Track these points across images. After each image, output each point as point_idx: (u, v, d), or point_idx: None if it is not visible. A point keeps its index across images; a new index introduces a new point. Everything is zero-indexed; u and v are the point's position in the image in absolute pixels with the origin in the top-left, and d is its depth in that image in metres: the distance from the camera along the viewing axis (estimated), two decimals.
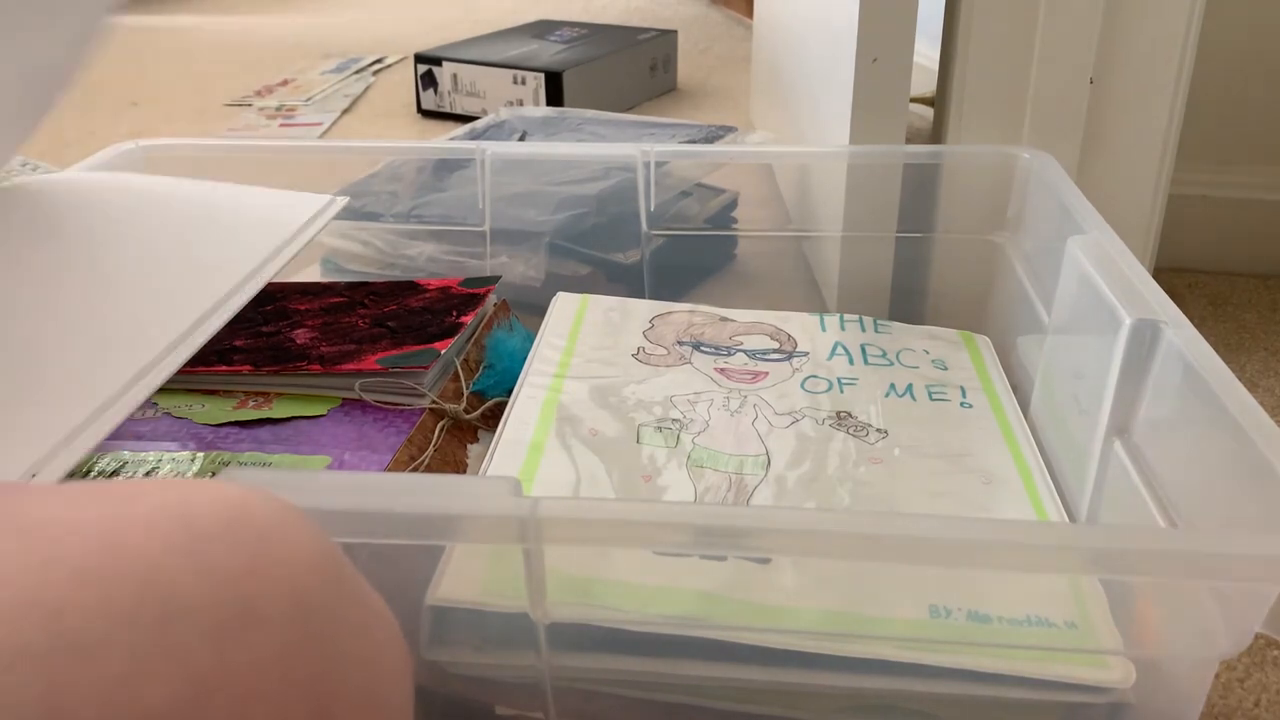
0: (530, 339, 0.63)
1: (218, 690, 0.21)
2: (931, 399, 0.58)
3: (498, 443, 0.53)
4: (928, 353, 0.63)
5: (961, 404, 0.58)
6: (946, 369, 0.61)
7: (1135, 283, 0.47)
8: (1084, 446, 0.48)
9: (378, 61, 1.71)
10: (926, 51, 0.75)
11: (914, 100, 1.04)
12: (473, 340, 0.63)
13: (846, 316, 0.66)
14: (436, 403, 0.56)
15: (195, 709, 0.20)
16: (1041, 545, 0.34)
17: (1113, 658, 0.38)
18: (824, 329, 0.65)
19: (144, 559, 0.21)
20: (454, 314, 0.63)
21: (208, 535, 0.22)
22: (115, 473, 0.51)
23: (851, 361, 0.61)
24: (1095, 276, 0.49)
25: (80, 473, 0.51)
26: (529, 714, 0.42)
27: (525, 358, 0.60)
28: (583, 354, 0.61)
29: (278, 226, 0.51)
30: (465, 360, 0.61)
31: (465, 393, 0.59)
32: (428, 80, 1.41)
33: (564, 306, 0.66)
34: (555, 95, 1.33)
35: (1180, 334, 0.43)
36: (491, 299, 0.67)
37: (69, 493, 0.23)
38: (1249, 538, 0.32)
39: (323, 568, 0.24)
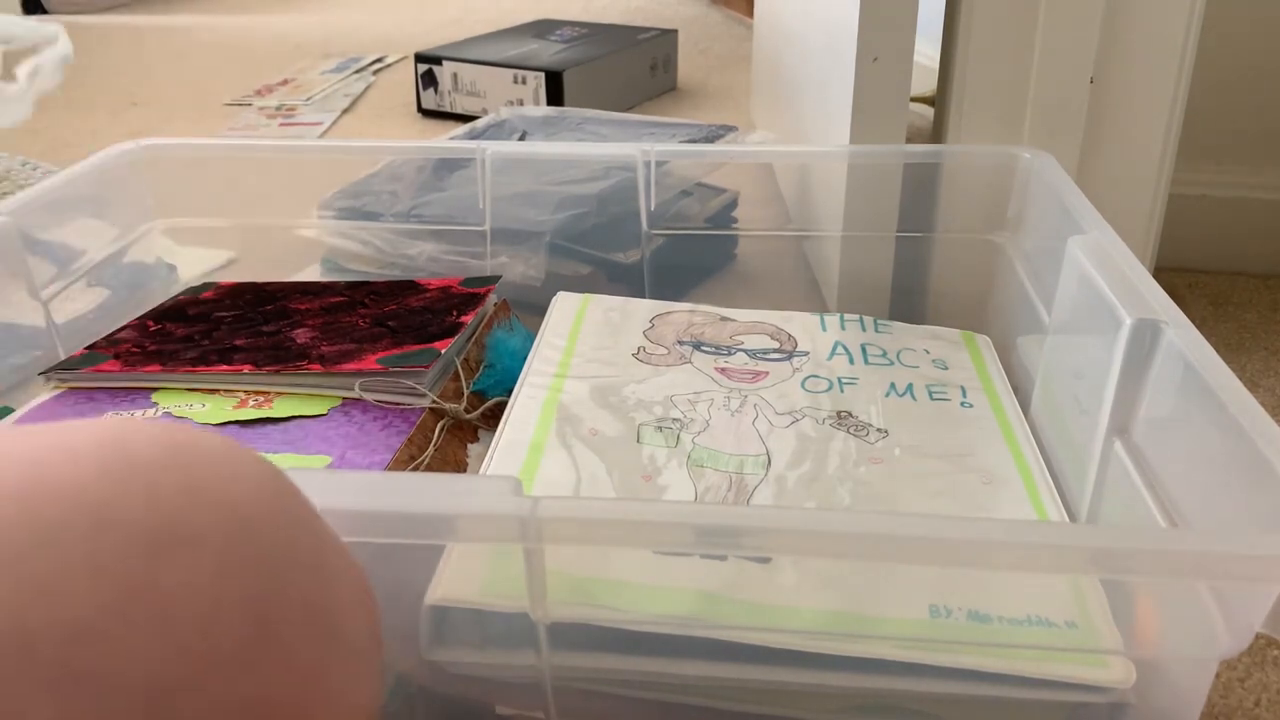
0: (530, 339, 0.63)
1: (147, 598, 0.21)
2: (932, 399, 0.58)
3: (498, 442, 0.53)
4: (928, 352, 0.63)
5: (962, 404, 0.58)
6: (947, 369, 0.61)
7: (1135, 282, 0.47)
8: (1084, 446, 0.48)
9: (378, 61, 1.70)
10: (927, 51, 0.75)
11: (914, 100, 1.04)
12: (473, 340, 0.63)
13: (847, 316, 0.66)
14: (437, 402, 0.56)
15: (120, 619, 0.20)
16: (1042, 545, 0.34)
17: (1113, 657, 0.38)
18: (824, 329, 0.65)
19: (74, 479, 0.21)
20: (454, 313, 0.63)
21: (145, 461, 0.22)
22: None
23: (852, 361, 0.61)
24: (1095, 276, 0.49)
25: None
26: (529, 714, 0.42)
27: (525, 357, 0.60)
28: (583, 354, 0.61)
29: None
30: (465, 360, 0.61)
31: (465, 392, 0.59)
32: (428, 80, 1.41)
33: (564, 306, 0.66)
34: (555, 95, 1.33)
35: (1181, 334, 0.43)
36: (492, 299, 0.67)
37: (10, 430, 0.23)
38: (1249, 537, 0.32)
39: (267, 493, 0.24)
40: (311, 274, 0.79)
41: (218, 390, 0.58)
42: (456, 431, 0.57)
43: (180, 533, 0.22)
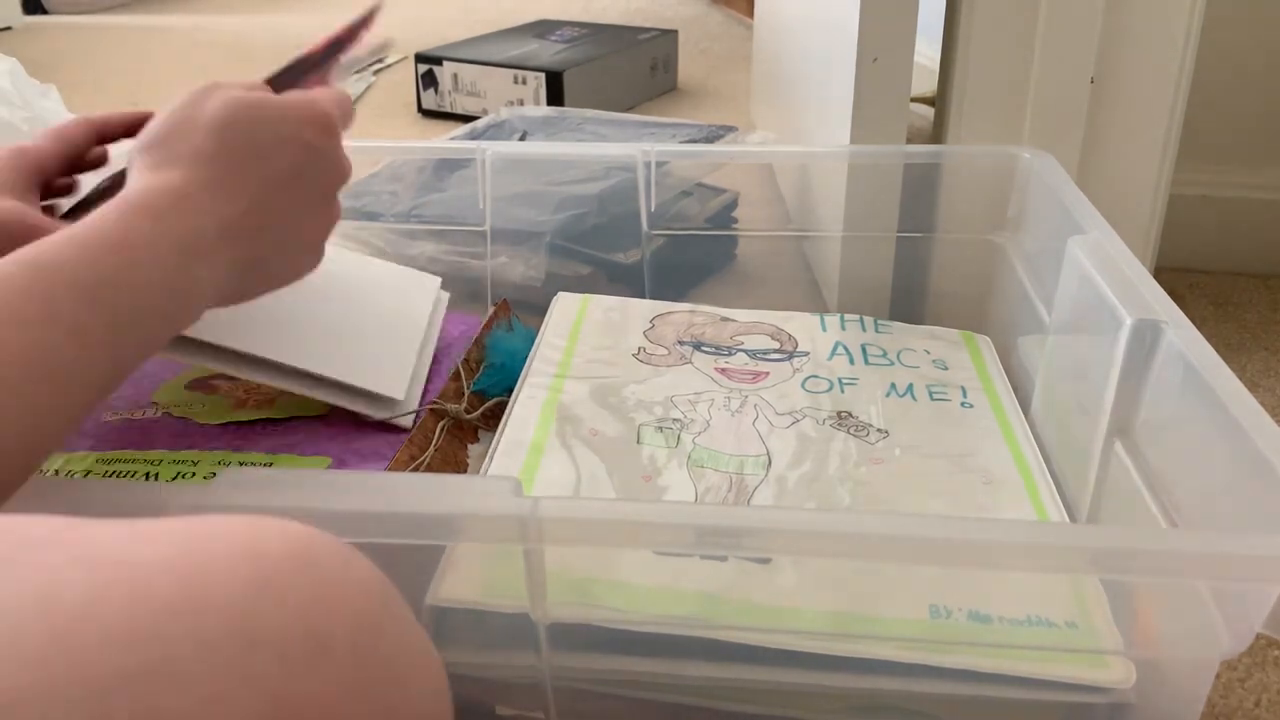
0: (531, 339, 0.63)
1: (295, 713, 0.22)
2: (932, 399, 0.58)
3: (498, 443, 0.53)
4: (928, 353, 0.63)
5: (962, 404, 0.58)
6: (947, 369, 0.61)
7: (1136, 283, 0.47)
8: (1085, 446, 0.48)
9: (378, 61, 1.71)
10: (927, 51, 0.75)
11: (914, 100, 1.04)
12: (474, 340, 0.63)
13: (847, 316, 0.66)
14: (437, 403, 0.56)
15: None
16: (1042, 545, 0.34)
17: (1113, 658, 0.38)
18: (824, 329, 0.65)
19: (226, 593, 0.23)
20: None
21: (279, 570, 0.24)
22: (116, 473, 0.51)
23: (852, 361, 0.61)
24: (1096, 277, 0.49)
25: (81, 473, 0.51)
26: (530, 714, 0.42)
27: (526, 357, 0.60)
28: (583, 354, 0.61)
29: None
30: (466, 360, 0.61)
31: (466, 392, 0.59)
32: (428, 80, 1.41)
33: (565, 306, 0.66)
34: (556, 95, 1.33)
35: (1181, 334, 0.43)
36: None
37: (136, 528, 0.24)
38: (1249, 538, 0.32)
39: (381, 601, 0.25)
40: None
41: (218, 389, 0.58)
42: (457, 432, 0.57)
43: (317, 644, 0.23)
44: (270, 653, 0.22)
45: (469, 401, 0.58)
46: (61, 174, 0.54)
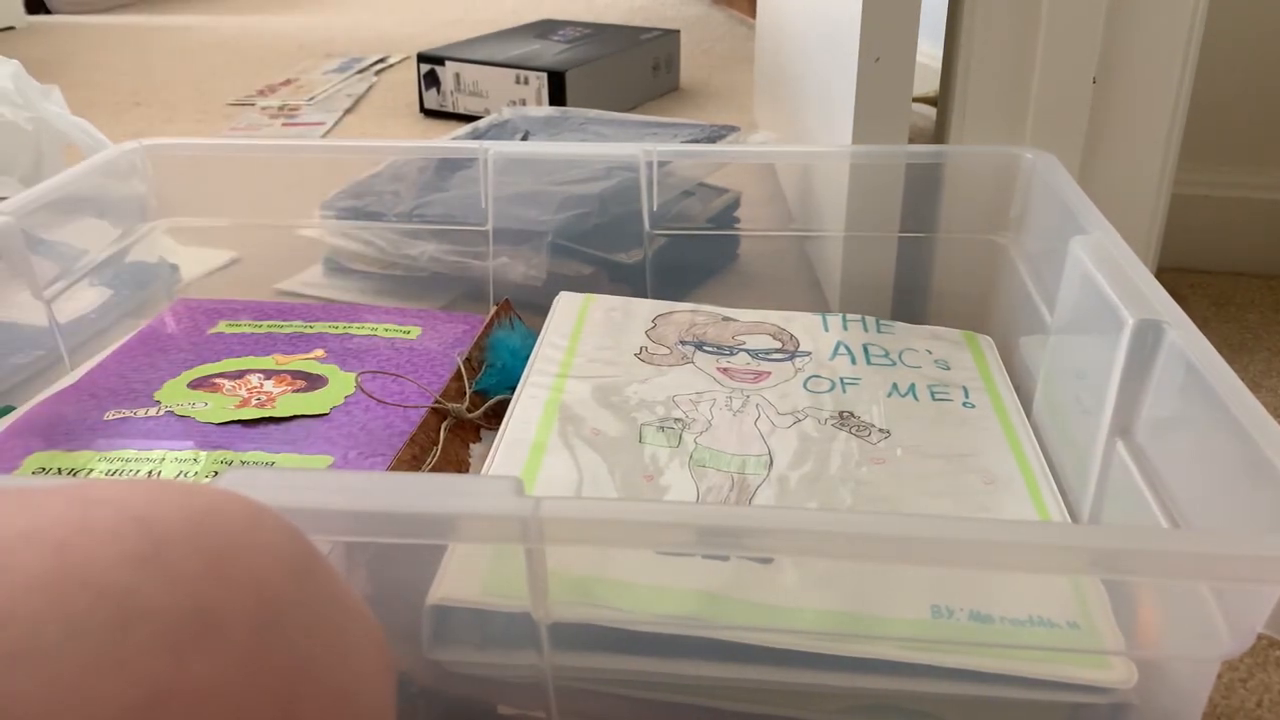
0: (532, 338, 0.63)
1: (175, 697, 0.20)
2: (934, 399, 0.58)
3: (500, 442, 0.53)
4: (930, 353, 0.63)
5: (964, 404, 0.58)
6: (949, 369, 0.61)
7: (1138, 283, 0.47)
8: (1086, 447, 0.48)
9: (380, 61, 1.71)
10: (929, 51, 0.75)
11: (916, 100, 1.04)
12: (476, 340, 0.63)
13: (849, 316, 0.66)
14: (439, 402, 0.56)
15: (150, 717, 0.20)
16: (1044, 545, 0.33)
17: (1115, 658, 0.38)
18: (826, 329, 0.65)
19: (100, 565, 0.21)
20: None
21: (169, 540, 0.21)
22: (117, 472, 0.51)
23: (854, 361, 0.61)
24: (1098, 276, 0.49)
25: (83, 471, 0.51)
26: (531, 714, 0.42)
27: (527, 357, 0.60)
28: (585, 353, 0.61)
29: None
30: (468, 360, 0.61)
31: (468, 392, 0.59)
32: (430, 80, 1.41)
33: (566, 306, 0.66)
34: (558, 95, 1.33)
35: (1183, 334, 0.43)
36: None
37: (30, 497, 0.22)
38: (1251, 538, 0.32)
39: (293, 569, 0.23)
40: (313, 274, 0.79)
41: (220, 389, 0.58)
42: (459, 431, 0.57)
43: (207, 622, 0.21)
44: (150, 633, 0.20)
45: (470, 401, 0.58)
46: None
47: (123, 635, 0.20)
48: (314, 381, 0.60)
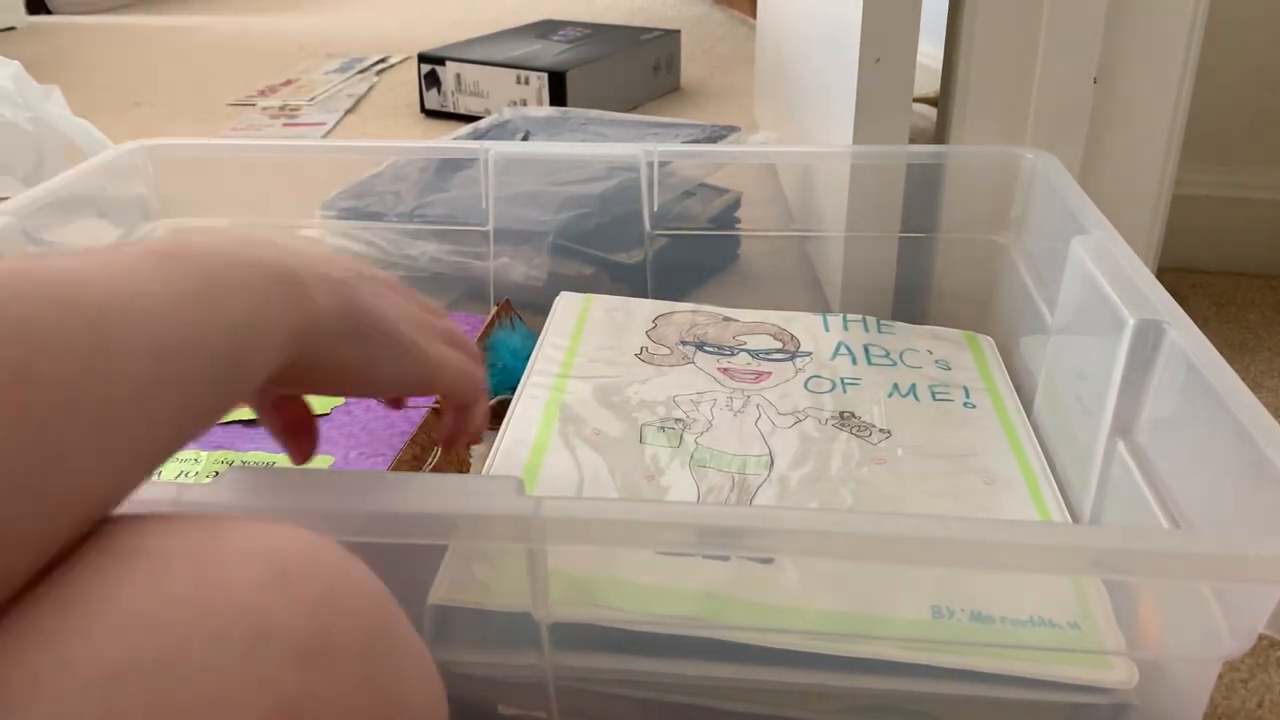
0: (533, 338, 0.63)
1: (302, 709, 0.22)
2: (935, 399, 0.58)
3: (500, 442, 0.53)
4: (931, 353, 0.63)
5: (965, 404, 0.58)
6: (950, 369, 0.61)
7: (1138, 283, 0.47)
8: (1087, 447, 0.48)
9: (381, 61, 1.71)
10: (930, 51, 0.75)
11: (917, 100, 1.04)
12: (476, 340, 0.63)
13: (850, 317, 0.66)
14: (439, 402, 0.56)
15: None
16: (1045, 546, 0.34)
17: (1116, 658, 0.38)
18: (827, 329, 0.65)
19: (241, 587, 0.22)
20: None
21: (292, 569, 0.23)
22: None
23: (855, 361, 0.61)
24: (1098, 277, 0.49)
25: None
26: (532, 713, 0.42)
27: (528, 357, 0.61)
28: (586, 354, 0.61)
29: None
30: None
31: None
32: (431, 80, 1.41)
33: (567, 306, 0.66)
34: (559, 95, 1.33)
35: (1183, 335, 0.43)
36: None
37: (169, 521, 0.24)
38: (1252, 539, 0.32)
39: (385, 604, 0.25)
40: None
41: None
42: None
43: (328, 645, 0.23)
44: (282, 650, 0.22)
45: None
46: None
47: (260, 651, 0.22)
48: None
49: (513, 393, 0.57)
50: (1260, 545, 0.32)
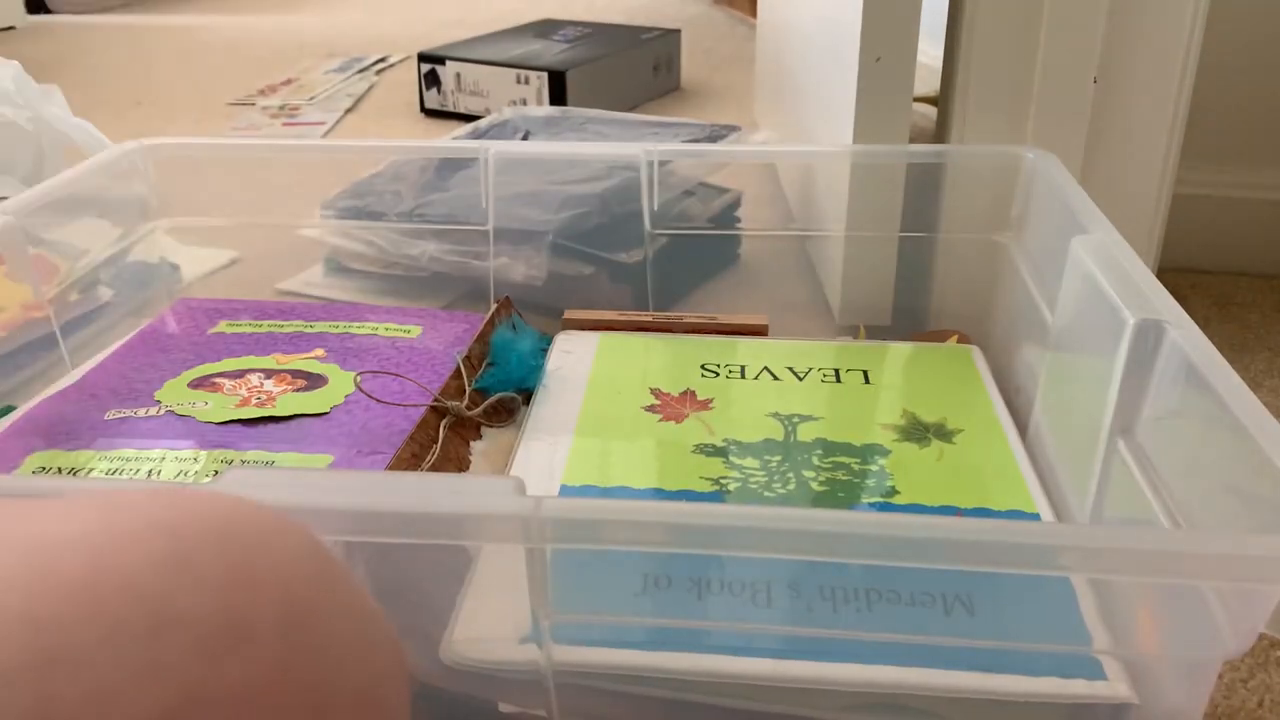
0: (534, 337, 0.63)
1: (210, 702, 0.20)
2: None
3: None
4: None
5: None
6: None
7: (1139, 282, 0.47)
8: (1088, 446, 0.48)
9: (381, 61, 1.71)
10: (930, 50, 0.75)
11: (917, 99, 1.04)
12: (475, 337, 0.63)
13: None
14: (438, 400, 0.56)
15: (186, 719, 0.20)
16: (1044, 545, 0.33)
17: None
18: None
19: (132, 571, 0.21)
20: None
21: (196, 546, 0.22)
22: (117, 471, 0.51)
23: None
24: (1098, 276, 0.49)
25: (84, 471, 0.51)
26: (532, 711, 0.42)
27: (528, 357, 0.60)
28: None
29: None
30: (467, 357, 0.61)
31: (467, 390, 0.59)
32: (431, 79, 1.41)
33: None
34: (559, 95, 1.33)
35: (1184, 334, 0.43)
36: None
37: (60, 504, 0.23)
38: (1252, 538, 0.32)
39: (313, 574, 0.24)
40: (314, 274, 0.79)
41: (220, 388, 0.58)
42: (459, 429, 0.57)
43: (238, 627, 0.21)
44: (183, 638, 0.20)
45: (470, 398, 0.58)
46: None
47: (158, 639, 0.20)
48: (314, 381, 0.60)
49: (512, 391, 0.57)
50: (1260, 544, 0.32)
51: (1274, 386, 0.75)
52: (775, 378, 0.60)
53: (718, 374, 0.60)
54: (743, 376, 0.60)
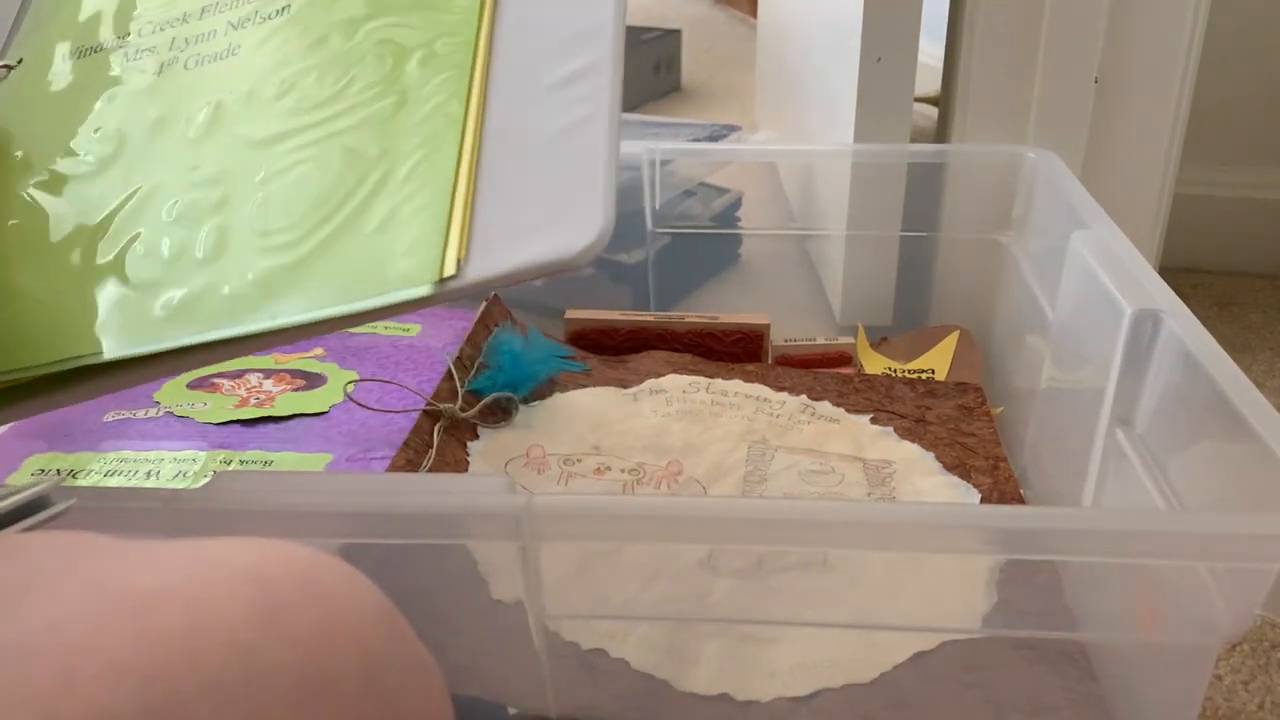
0: (531, 338, 0.63)
1: None
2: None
3: None
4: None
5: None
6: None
7: (1136, 274, 0.47)
8: (1087, 437, 0.48)
9: None
10: (931, 50, 0.75)
11: (918, 99, 1.04)
12: (467, 337, 0.63)
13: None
14: (431, 404, 0.56)
15: None
16: (1044, 530, 0.33)
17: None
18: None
19: (226, 625, 0.22)
20: None
21: (285, 599, 0.23)
22: (117, 472, 0.51)
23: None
24: (1097, 268, 0.49)
25: (83, 473, 0.51)
26: (532, 710, 0.42)
27: (523, 357, 0.60)
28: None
29: None
30: (459, 359, 0.61)
31: (460, 392, 0.59)
32: None
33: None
34: None
35: (1181, 323, 0.43)
36: None
37: (151, 556, 0.24)
38: (1247, 518, 0.32)
39: (385, 627, 0.25)
40: None
41: (219, 388, 0.58)
42: (455, 431, 0.57)
43: (323, 678, 0.22)
44: (275, 689, 0.21)
45: (464, 400, 0.58)
46: None
47: (251, 690, 0.21)
48: (313, 380, 0.60)
49: (509, 392, 0.57)
50: (1255, 524, 0.32)
51: (1276, 387, 0.75)
52: None
53: None
54: None
